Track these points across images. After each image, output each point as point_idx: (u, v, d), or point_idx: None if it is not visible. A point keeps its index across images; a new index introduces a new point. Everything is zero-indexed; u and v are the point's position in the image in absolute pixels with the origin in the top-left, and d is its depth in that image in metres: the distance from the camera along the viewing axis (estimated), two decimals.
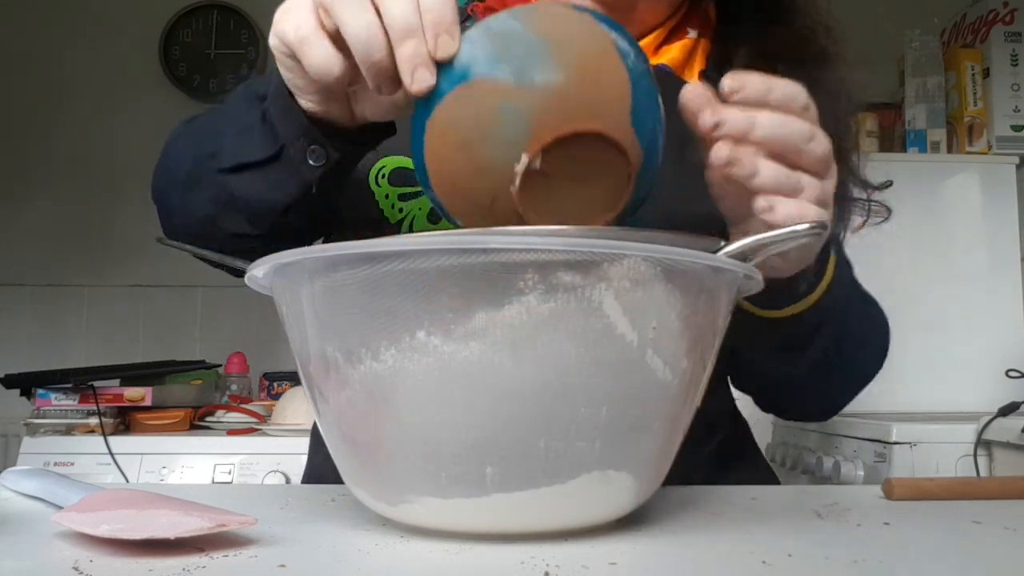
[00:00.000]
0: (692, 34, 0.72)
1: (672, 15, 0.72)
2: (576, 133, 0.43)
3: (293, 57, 0.48)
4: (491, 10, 0.70)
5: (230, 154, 0.55)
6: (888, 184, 0.74)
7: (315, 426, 0.83)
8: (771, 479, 0.79)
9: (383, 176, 0.66)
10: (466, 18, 0.72)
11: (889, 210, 0.74)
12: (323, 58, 0.46)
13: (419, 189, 0.66)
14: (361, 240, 0.39)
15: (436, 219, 0.66)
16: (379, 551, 0.41)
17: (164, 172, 0.66)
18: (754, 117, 0.44)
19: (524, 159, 0.43)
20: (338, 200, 0.60)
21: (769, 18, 0.70)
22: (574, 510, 0.42)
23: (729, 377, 0.76)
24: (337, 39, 0.45)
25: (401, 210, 0.66)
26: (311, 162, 0.52)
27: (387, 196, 0.66)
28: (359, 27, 0.43)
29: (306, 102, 0.51)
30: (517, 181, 0.43)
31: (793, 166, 0.46)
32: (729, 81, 0.44)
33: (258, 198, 0.55)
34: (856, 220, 0.71)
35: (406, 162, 0.64)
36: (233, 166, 0.55)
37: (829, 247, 0.57)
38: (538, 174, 0.44)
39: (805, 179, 0.46)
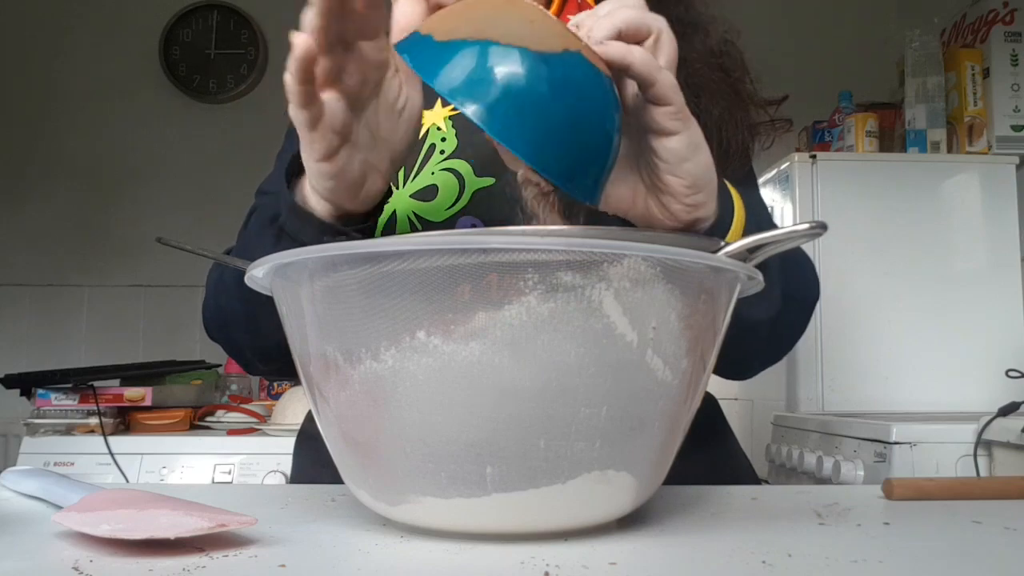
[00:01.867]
0: None
1: None
2: None
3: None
4: None
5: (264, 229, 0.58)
6: (785, 97, 0.75)
7: (301, 432, 0.83)
8: (740, 458, 0.80)
9: None
10: None
11: (789, 121, 0.76)
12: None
13: None
14: (361, 240, 0.39)
15: (389, 235, 0.67)
16: (379, 551, 0.41)
17: (219, 315, 0.71)
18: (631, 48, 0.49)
19: None
20: None
21: None
22: (574, 510, 0.42)
23: None
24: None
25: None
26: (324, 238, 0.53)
27: None
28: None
29: (318, 199, 0.53)
30: None
31: None
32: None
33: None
34: (764, 140, 0.73)
35: None
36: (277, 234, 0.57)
37: (727, 190, 0.57)
38: None
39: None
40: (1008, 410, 1.38)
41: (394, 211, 0.68)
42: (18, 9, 2.62)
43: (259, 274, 0.44)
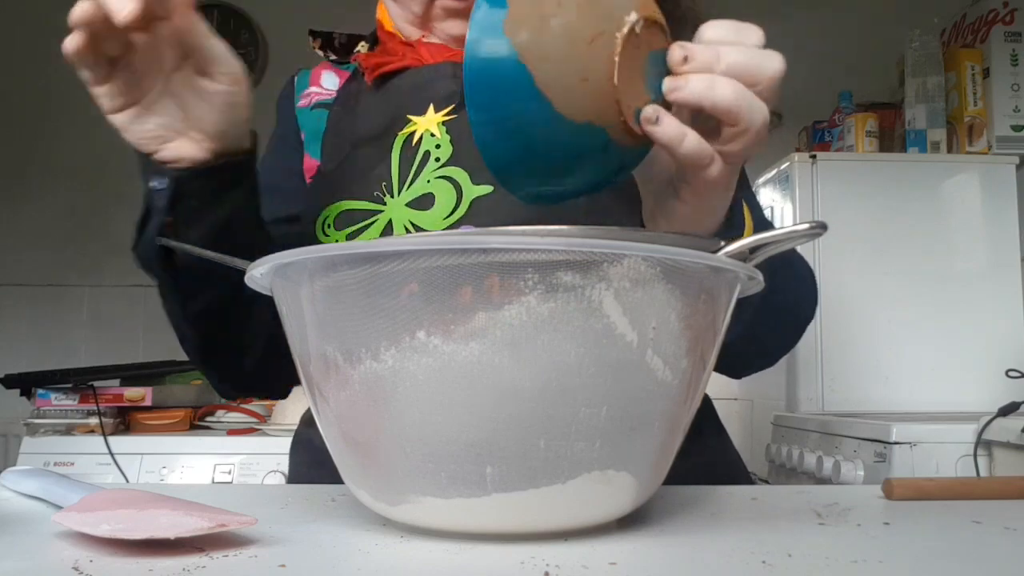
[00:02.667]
0: None
1: None
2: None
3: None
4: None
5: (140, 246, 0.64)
6: (778, 115, 0.76)
7: (296, 436, 0.83)
8: (732, 457, 0.80)
9: (329, 225, 0.71)
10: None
11: (780, 116, 0.77)
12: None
13: (364, 224, 0.69)
14: (361, 241, 0.39)
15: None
16: (379, 551, 0.41)
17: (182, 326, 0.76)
18: (719, 49, 0.46)
19: (634, 15, 0.45)
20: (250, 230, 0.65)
21: None
22: (574, 510, 0.42)
23: None
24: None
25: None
26: (154, 185, 0.60)
27: (337, 242, 0.70)
28: None
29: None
30: (626, 28, 0.45)
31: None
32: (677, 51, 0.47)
33: (147, 251, 0.63)
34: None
35: (347, 205, 0.70)
36: (133, 246, 0.64)
37: (739, 197, 0.57)
38: (633, 40, 0.45)
39: (757, 103, 0.48)
40: (1008, 410, 1.38)
41: (390, 220, 0.68)
42: (18, 9, 2.62)
43: (259, 274, 0.44)
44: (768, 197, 1.99)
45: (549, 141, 0.46)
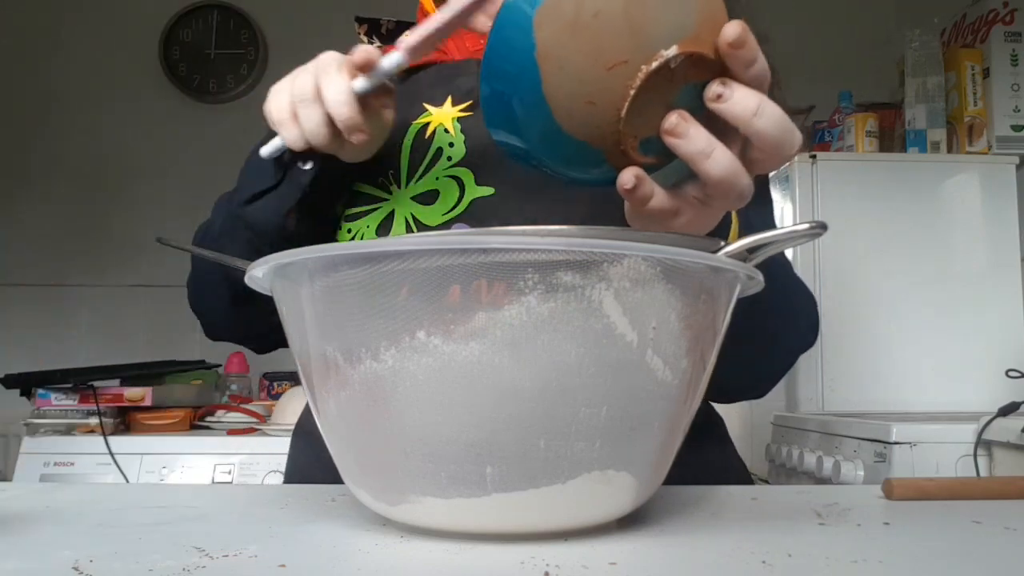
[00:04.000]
0: None
1: None
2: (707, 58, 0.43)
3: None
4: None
5: (247, 190, 0.67)
6: (811, 107, 0.75)
7: (298, 426, 0.83)
8: (734, 455, 0.79)
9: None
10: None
11: (813, 106, 0.78)
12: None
13: (367, 209, 0.70)
14: (361, 241, 0.39)
15: (384, 233, 0.69)
16: (379, 551, 0.41)
17: (204, 257, 0.76)
18: (762, 102, 0.44)
19: (674, 50, 0.42)
20: (327, 210, 0.70)
21: None
22: (574, 510, 0.42)
23: None
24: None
25: (349, 230, 0.71)
26: (303, 167, 0.64)
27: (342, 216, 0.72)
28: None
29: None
30: (655, 64, 0.41)
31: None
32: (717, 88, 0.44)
33: (270, 211, 0.66)
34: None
35: (355, 186, 0.72)
36: (252, 196, 0.67)
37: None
38: (664, 73, 0.42)
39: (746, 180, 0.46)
40: (1008, 410, 1.38)
41: (392, 211, 0.69)
42: (18, 9, 2.62)
43: (259, 274, 0.44)
44: None
45: (541, 140, 0.46)
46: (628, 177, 0.45)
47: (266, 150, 0.63)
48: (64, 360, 2.13)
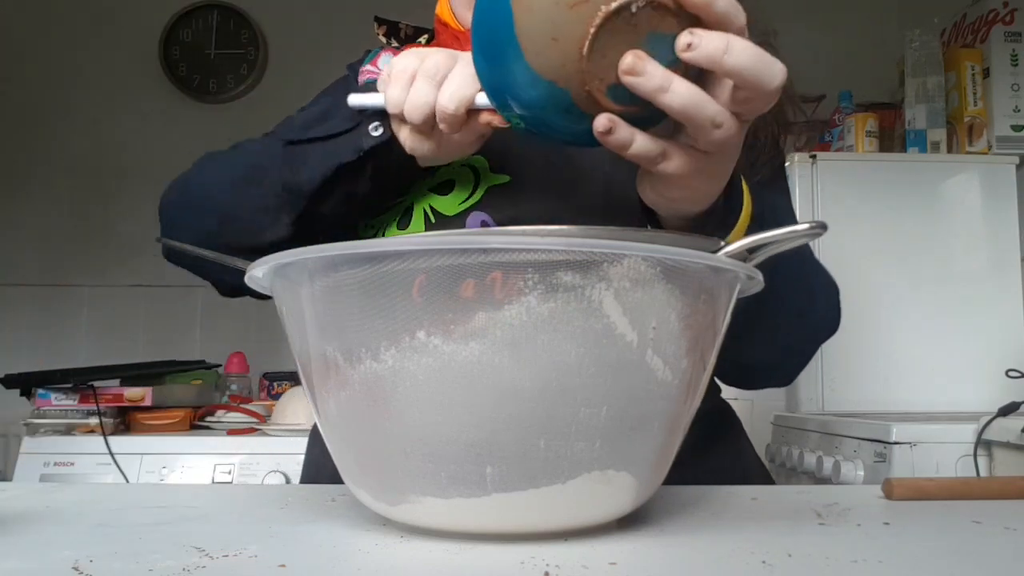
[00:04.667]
0: None
1: None
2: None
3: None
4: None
5: (302, 130, 0.65)
6: (822, 96, 0.75)
7: (315, 426, 0.84)
8: (754, 464, 0.79)
9: None
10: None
11: (823, 96, 0.78)
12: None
13: (387, 204, 0.69)
14: (361, 240, 0.39)
15: (404, 226, 0.69)
16: (379, 551, 0.41)
17: (193, 184, 0.74)
18: (730, 40, 0.44)
19: None
20: (376, 192, 0.67)
21: None
22: (574, 510, 0.42)
23: None
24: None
25: (372, 226, 0.71)
26: (371, 131, 0.61)
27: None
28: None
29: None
30: (615, 4, 0.43)
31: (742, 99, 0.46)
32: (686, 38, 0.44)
33: (316, 160, 0.63)
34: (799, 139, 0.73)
35: None
36: (307, 139, 0.64)
37: (738, 179, 0.56)
38: (625, 16, 0.44)
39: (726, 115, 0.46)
40: (1008, 410, 1.38)
41: (411, 203, 0.69)
42: (18, 9, 2.62)
43: (259, 274, 0.44)
44: None
45: (517, 85, 0.48)
46: (602, 121, 0.46)
47: (358, 99, 0.61)
48: (64, 360, 2.13)
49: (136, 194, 2.58)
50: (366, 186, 0.64)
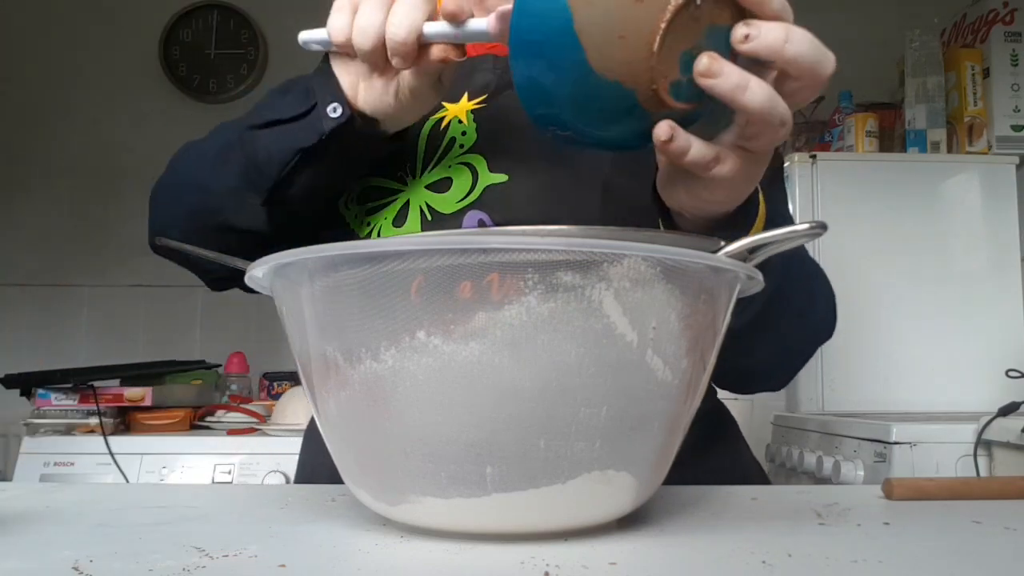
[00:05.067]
0: None
1: None
2: None
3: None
4: None
5: (261, 115, 0.65)
6: (821, 98, 0.75)
7: (311, 423, 0.84)
8: (752, 465, 0.79)
9: (352, 199, 0.72)
10: None
11: (822, 97, 0.77)
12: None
13: (384, 202, 0.69)
14: (361, 240, 0.39)
15: (400, 223, 0.69)
16: (379, 551, 0.41)
17: (178, 171, 0.74)
18: (790, 29, 0.44)
19: None
20: (342, 173, 0.67)
21: None
22: (574, 510, 0.42)
23: None
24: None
25: (368, 223, 0.70)
26: (330, 114, 0.61)
27: (356, 216, 0.71)
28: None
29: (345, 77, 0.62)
30: None
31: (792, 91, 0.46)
32: (743, 29, 0.44)
33: (276, 145, 0.63)
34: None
35: (373, 182, 0.71)
36: (264, 123, 0.64)
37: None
38: (691, 9, 0.43)
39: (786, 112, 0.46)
40: (1008, 410, 1.38)
41: (407, 201, 0.69)
42: (18, 9, 2.62)
43: (259, 274, 0.44)
44: None
45: (575, 89, 0.45)
46: (664, 128, 0.45)
47: (306, 34, 0.59)
48: (64, 360, 2.13)
49: (136, 194, 2.57)
50: (331, 167, 0.64)
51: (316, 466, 0.78)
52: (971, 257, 1.87)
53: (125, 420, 1.83)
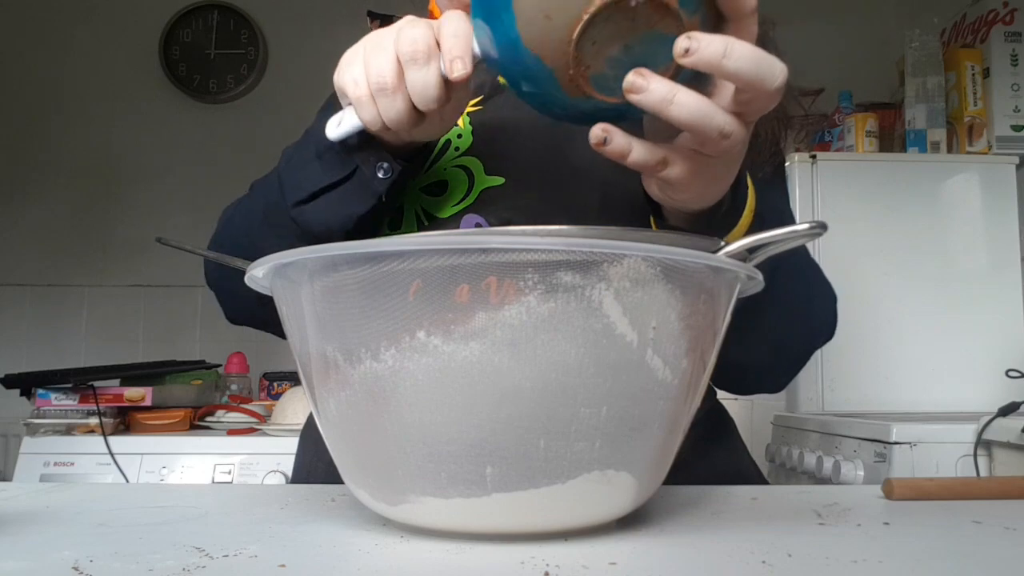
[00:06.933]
0: None
1: None
2: None
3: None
4: None
5: (302, 188, 0.61)
6: (820, 90, 0.75)
7: (306, 424, 0.83)
8: (751, 465, 0.79)
9: None
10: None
11: (822, 89, 0.76)
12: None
13: None
14: (361, 240, 0.39)
15: (396, 228, 0.69)
16: (379, 551, 0.41)
17: (227, 238, 0.72)
18: (729, 43, 0.42)
19: None
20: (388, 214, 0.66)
21: None
22: (574, 510, 0.42)
23: None
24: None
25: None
26: (380, 175, 0.58)
27: None
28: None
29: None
30: None
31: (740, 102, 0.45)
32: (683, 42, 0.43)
33: (334, 216, 0.61)
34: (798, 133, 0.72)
35: None
36: (309, 195, 0.60)
37: (743, 175, 0.55)
38: (624, 8, 0.43)
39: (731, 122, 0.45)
40: (1008, 410, 1.38)
41: (402, 204, 0.68)
42: (18, 9, 2.62)
43: (259, 274, 0.44)
44: None
45: (506, 52, 0.47)
46: (596, 132, 0.46)
47: (335, 131, 0.54)
48: (64, 360, 2.13)
49: (136, 194, 2.58)
50: (382, 208, 0.62)
51: (312, 466, 0.78)
52: (971, 257, 1.87)
53: (125, 420, 1.83)
